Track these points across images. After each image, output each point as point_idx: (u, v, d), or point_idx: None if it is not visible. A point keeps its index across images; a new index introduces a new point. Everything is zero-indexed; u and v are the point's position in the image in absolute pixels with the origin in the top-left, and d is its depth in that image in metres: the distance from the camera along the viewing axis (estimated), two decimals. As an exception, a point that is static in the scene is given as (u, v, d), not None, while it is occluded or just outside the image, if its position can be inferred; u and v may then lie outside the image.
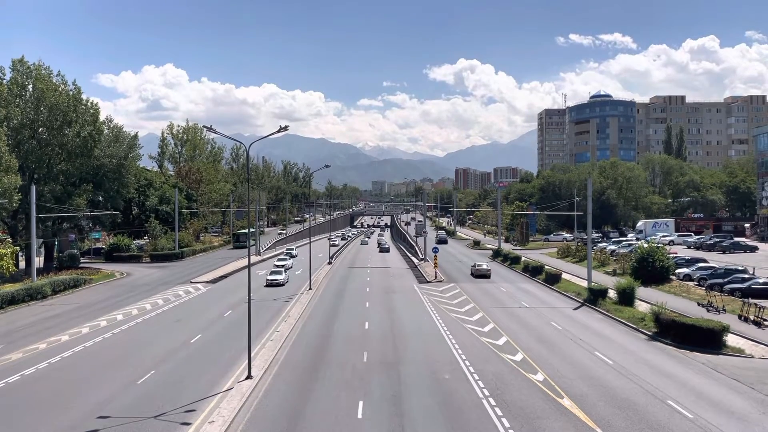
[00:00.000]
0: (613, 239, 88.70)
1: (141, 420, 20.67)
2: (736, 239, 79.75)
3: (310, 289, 52.81)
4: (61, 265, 68.03)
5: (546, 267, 60.01)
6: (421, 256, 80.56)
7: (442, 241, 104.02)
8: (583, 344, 31.78)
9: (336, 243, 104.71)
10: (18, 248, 58.31)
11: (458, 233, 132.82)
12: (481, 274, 61.52)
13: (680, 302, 41.38)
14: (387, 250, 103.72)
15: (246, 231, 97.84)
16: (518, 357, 29.12)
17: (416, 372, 26.44)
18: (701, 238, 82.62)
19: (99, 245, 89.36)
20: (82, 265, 70.76)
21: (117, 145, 74.34)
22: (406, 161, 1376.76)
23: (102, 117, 71.58)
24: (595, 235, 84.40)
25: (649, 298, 41.59)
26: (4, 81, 62.08)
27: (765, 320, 34.31)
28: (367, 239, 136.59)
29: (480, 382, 24.77)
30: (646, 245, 53.18)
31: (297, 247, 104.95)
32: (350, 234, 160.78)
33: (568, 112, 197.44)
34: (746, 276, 45.33)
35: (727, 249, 70.90)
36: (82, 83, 68.08)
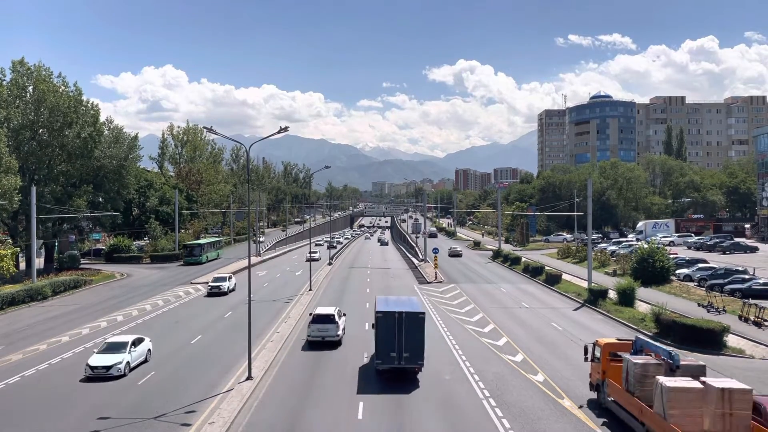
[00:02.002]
0: (614, 240, 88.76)
1: (141, 421, 20.67)
2: (737, 240, 79.75)
3: (310, 290, 52.81)
4: (61, 266, 68.05)
5: (546, 268, 59.99)
6: (421, 256, 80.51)
7: (432, 235, 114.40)
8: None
9: (316, 256, 76.56)
10: (18, 249, 58.36)
11: (458, 234, 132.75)
12: (454, 254, 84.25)
13: (680, 303, 41.38)
14: (386, 244, 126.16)
15: (200, 242, 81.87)
16: (518, 358, 29.12)
17: (416, 373, 26.36)
18: (701, 238, 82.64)
19: (99, 246, 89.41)
20: (82, 266, 70.77)
21: (117, 146, 74.34)
22: (406, 162, 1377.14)
23: (102, 118, 71.65)
24: (595, 236, 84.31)
25: (649, 299, 41.57)
26: (5, 82, 62.05)
27: (765, 321, 34.30)
28: (370, 236, 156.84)
29: (480, 383, 24.78)
30: (646, 246, 53.15)
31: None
32: (343, 238, 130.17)
33: (568, 112, 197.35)
34: (746, 277, 45.31)
35: (727, 249, 70.88)
36: (81, 84, 68.17)
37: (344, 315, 34.31)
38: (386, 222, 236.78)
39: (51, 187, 64.79)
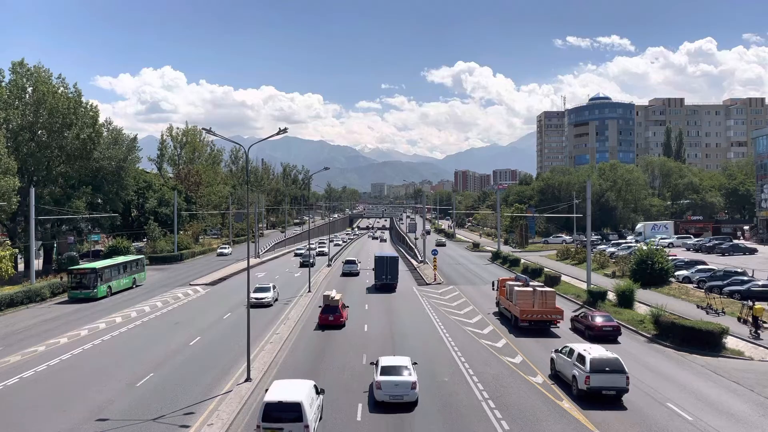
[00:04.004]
0: (613, 241, 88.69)
1: (139, 423, 20.63)
2: (735, 241, 79.75)
3: (309, 291, 52.79)
4: (60, 267, 67.88)
5: (545, 269, 59.99)
6: (420, 258, 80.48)
7: (426, 232, 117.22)
8: (583, 346, 31.75)
9: (266, 298, 45.46)
10: (17, 251, 58.25)
11: (457, 235, 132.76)
12: (439, 244, 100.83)
13: (679, 304, 41.37)
14: (384, 241, 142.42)
15: (95, 265, 52.22)
16: (518, 359, 29.10)
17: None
18: (700, 240, 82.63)
19: (98, 247, 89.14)
20: (81, 267, 70.54)
21: (116, 147, 74.29)
22: (405, 163, 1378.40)
23: (101, 119, 71.55)
24: (594, 238, 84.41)
25: (648, 301, 41.59)
26: (4, 83, 61.97)
27: (765, 322, 34.28)
28: (372, 235, 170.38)
29: (479, 385, 24.76)
30: (645, 247, 53.16)
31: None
32: (333, 245, 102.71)
33: (567, 114, 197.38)
34: (745, 278, 45.32)
35: (726, 251, 70.82)
36: (80, 86, 68.04)
37: (360, 262, 70.99)
38: (385, 222, 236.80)
39: (50, 189, 64.71)
